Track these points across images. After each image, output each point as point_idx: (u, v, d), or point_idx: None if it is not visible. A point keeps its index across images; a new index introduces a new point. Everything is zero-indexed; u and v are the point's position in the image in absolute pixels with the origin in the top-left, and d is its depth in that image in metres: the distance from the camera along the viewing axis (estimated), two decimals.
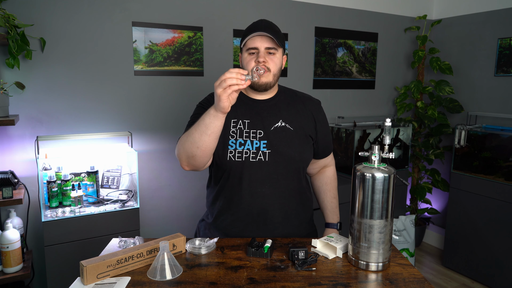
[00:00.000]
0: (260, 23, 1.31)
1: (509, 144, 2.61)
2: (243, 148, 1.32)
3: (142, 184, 2.39)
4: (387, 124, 1.14)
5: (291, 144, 1.34)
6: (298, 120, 1.39)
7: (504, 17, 2.89)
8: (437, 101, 3.20)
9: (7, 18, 1.81)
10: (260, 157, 1.32)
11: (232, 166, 1.32)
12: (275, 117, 1.36)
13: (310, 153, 1.42)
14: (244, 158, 1.32)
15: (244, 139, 1.33)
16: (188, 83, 2.47)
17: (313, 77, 2.94)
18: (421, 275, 1.09)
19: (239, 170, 1.32)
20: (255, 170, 1.32)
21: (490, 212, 2.69)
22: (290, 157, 1.34)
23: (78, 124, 2.18)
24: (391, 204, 1.11)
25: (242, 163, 1.32)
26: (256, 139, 1.33)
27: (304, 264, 1.12)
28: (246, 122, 1.35)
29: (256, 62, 1.27)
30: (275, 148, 1.33)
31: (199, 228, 1.53)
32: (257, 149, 1.33)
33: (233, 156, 1.32)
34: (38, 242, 2.13)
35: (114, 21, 2.20)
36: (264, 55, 1.28)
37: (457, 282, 2.85)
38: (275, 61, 1.31)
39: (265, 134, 1.34)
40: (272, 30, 1.29)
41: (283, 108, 1.39)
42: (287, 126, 1.36)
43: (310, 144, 1.41)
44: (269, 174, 1.33)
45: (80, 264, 1.02)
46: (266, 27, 1.29)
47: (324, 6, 2.90)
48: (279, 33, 1.33)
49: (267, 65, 1.28)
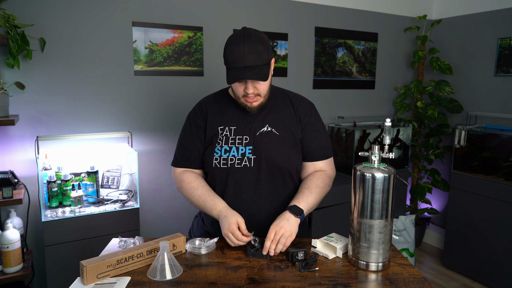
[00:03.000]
0: (244, 53, 1.20)
1: (509, 144, 2.61)
2: (228, 155, 1.34)
3: (142, 184, 2.39)
4: (387, 124, 1.14)
5: (276, 149, 1.34)
6: (285, 124, 1.38)
7: (504, 17, 2.89)
8: (437, 101, 3.20)
9: (7, 18, 1.81)
10: (246, 163, 1.34)
11: (217, 172, 1.35)
12: (261, 122, 1.36)
13: (297, 157, 1.39)
14: (229, 164, 1.34)
15: (229, 145, 1.34)
16: (188, 83, 2.47)
17: (313, 77, 2.94)
18: (421, 275, 1.09)
19: (225, 176, 1.35)
20: (240, 176, 1.34)
21: (490, 212, 2.69)
22: (275, 162, 1.34)
23: (78, 124, 2.18)
24: (391, 204, 1.12)
25: (228, 169, 1.34)
26: (242, 145, 1.34)
27: (306, 265, 1.12)
28: (232, 129, 1.36)
29: (245, 92, 1.27)
30: (260, 154, 1.33)
31: (193, 224, 1.55)
32: (242, 155, 1.34)
33: (218, 163, 1.34)
34: (38, 242, 2.13)
35: (114, 21, 2.20)
36: (252, 85, 1.26)
37: (457, 282, 2.85)
38: (264, 85, 1.29)
39: (251, 140, 1.35)
40: (257, 56, 1.21)
41: (271, 112, 1.38)
42: (273, 131, 1.36)
43: (297, 148, 1.39)
44: (254, 179, 1.34)
45: (80, 264, 1.02)
46: (250, 55, 1.20)
47: (324, 6, 2.90)
48: (264, 53, 1.22)
49: (255, 92, 1.28)
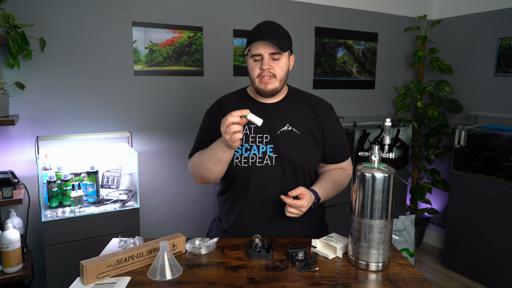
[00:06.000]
0: (263, 27, 1.29)
1: (509, 144, 2.61)
2: (249, 153, 1.33)
3: (142, 184, 2.39)
4: (387, 124, 1.14)
5: (297, 148, 1.34)
6: (305, 123, 1.37)
7: (504, 17, 2.89)
8: (437, 101, 3.20)
9: (7, 18, 1.81)
10: (267, 162, 1.33)
11: (239, 171, 1.34)
12: (281, 121, 1.36)
13: (318, 157, 1.40)
14: (250, 163, 1.33)
15: (250, 144, 1.34)
16: (188, 83, 2.47)
17: (313, 77, 2.94)
18: (421, 275, 1.09)
19: (246, 175, 1.34)
20: (262, 174, 1.33)
21: (490, 212, 2.69)
22: (296, 161, 1.34)
23: (78, 124, 2.18)
24: (391, 204, 1.11)
25: (249, 168, 1.33)
26: (263, 144, 1.34)
27: (306, 265, 1.12)
28: (252, 127, 1.35)
29: (261, 69, 1.28)
30: (281, 153, 1.33)
31: (211, 228, 1.54)
32: (263, 154, 1.33)
33: (239, 161, 1.33)
34: (38, 242, 2.13)
35: (114, 21, 2.20)
36: (268, 61, 1.27)
37: (457, 282, 2.85)
38: (281, 65, 1.29)
39: (272, 138, 1.34)
40: (276, 33, 1.27)
41: (290, 111, 1.38)
42: (293, 130, 1.35)
43: (317, 148, 1.39)
44: (276, 178, 1.34)
45: (80, 264, 1.02)
46: (269, 31, 1.27)
47: (324, 6, 2.90)
48: (284, 36, 1.30)
49: (272, 71, 1.28)
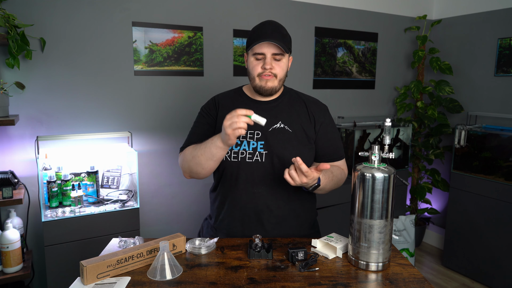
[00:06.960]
0: (268, 27, 1.30)
1: (509, 144, 2.61)
2: (239, 149, 1.34)
3: (142, 184, 2.39)
4: (387, 124, 1.14)
5: (288, 145, 1.35)
6: (298, 121, 1.38)
7: (504, 17, 2.89)
8: (437, 101, 3.20)
9: (7, 18, 1.81)
10: (257, 158, 1.34)
11: (228, 166, 1.35)
12: (274, 118, 1.37)
13: (309, 155, 1.40)
14: (240, 158, 1.33)
15: (240, 139, 1.35)
16: (188, 83, 2.47)
17: (313, 77, 2.94)
18: (421, 275, 1.09)
19: (235, 170, 1.34)
20: (251, 170, 1.34)
21: (490, 212, 2.69)
22: (286, 159, 1.34)
23: (78, 124, 2.18)
24: (391, 204, 1.11)
25: (238, 163, 1.33)
26: (253, 140, 1.34)
27: (306, 265, 1.12)
28: None
29: (263, 69, 1.30)
30: (272, 149, 1.34)
31: (202, 226, 1.55)
32: (253, 150, 1.34)
33: (228, 156, 1.34)
34: (38, 242, 2.13)
35: (114, 21, 2.20)
36: (270, 61, 1.29)
37: (457, 282, 2.85)
38: (282, 66, 1.32)
39: (263, 135, 1.35)
40: (280, 34, 1.29)
41: (283, 109, 1.39)
42: (286, 127, 1.36)
43: (309, 147, 1.39)
44: (266, 174, 1.34)
45: (80, 264, 1.02)
46: (274, 31, 1.28)
47: (324, 6, 2.89)
48: (287, 37, 1.32)
49: (273, 71, 1.30)
